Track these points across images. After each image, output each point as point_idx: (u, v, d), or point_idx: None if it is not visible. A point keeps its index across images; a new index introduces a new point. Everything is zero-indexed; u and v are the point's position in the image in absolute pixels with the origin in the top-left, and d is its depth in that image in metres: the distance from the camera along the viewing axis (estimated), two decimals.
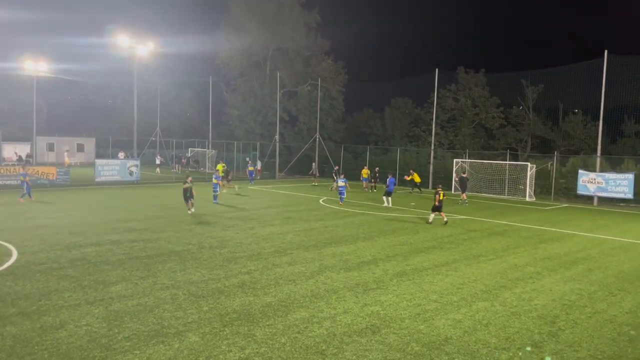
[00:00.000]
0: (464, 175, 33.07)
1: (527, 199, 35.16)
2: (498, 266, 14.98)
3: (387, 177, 28.91)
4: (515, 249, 17.69)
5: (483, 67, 53.34)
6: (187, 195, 23.11)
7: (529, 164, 36.43)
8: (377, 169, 38.73)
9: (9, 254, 14.30)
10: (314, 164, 45.08)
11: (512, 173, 37.22)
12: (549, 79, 48.60)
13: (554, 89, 49.62)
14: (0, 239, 16.27)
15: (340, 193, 28.78)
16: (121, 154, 50.78)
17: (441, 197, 22.18)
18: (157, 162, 50.80)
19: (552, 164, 37.04)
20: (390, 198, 28.05)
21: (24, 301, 10.38)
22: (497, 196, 36.46)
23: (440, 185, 23.75)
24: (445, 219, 22.26)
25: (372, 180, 37.65)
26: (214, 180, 28.15)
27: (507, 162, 38.42)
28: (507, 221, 24.26)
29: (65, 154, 54.18)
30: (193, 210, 23.27)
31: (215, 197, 27.50)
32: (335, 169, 39.65)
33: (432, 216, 22.51)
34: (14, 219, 20.39)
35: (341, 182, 29.04)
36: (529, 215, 27.22)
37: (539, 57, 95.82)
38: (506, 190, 36.91)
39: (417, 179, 36.87)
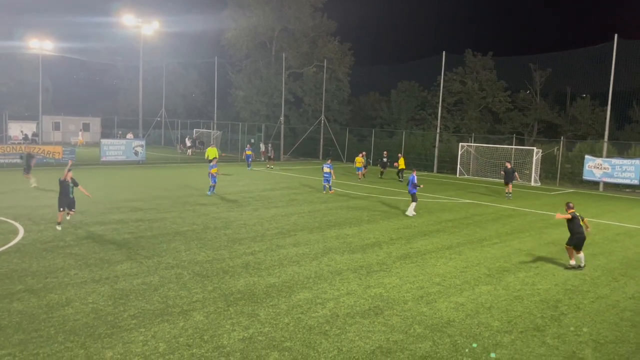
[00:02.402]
0: (508, 167, 27.62)
1: (533, 183, 35.04)
2: (502, 250, 14.99)
3: (410, 174, 21.36)
4: (520, 233, 17.69)
5: (491, 50, 52.80)
6: (70, 198, 15.53)
7: (535, 148, 36.24)
8: (386, 153, 36.54)
9: (15, 232, 14.41)
10: (270, 144, 42.35)
11: (518, 158, 37.03)
12: (557, 62, 48.10)
13: (562, 73, 49.13)
14: (7, 216, 16.40)
15: (325, 180, 25.56)
16: (130, 135, 50.65)
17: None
18: (188, 144, 50.13)
19: (559, 149, 36.82)
20: (415, 204, 20.36)
21: (31, 278, 10.49)
22: (503, 180, 36.29)
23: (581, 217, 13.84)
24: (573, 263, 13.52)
25: (381, 167, 35.57)
26: (213, 170, 23.36)
27: (513, 146, 38.22)
28: (512, 206, 24.21)
29: (80, 133, 54.53)
30: (68, 218, 15.79)
31: (211, 187, 23.22)
32: (362, 154, 36.30)
33: (580, 256, 13.38)
34: (21, 197, 20.51)
35: (326, 168, 25.51)
36: (534, 200, 27.14)
37: (548, 41, 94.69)
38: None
39: (402, 165, 34.13)
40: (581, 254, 13.37)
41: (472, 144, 40.17)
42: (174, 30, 57.52)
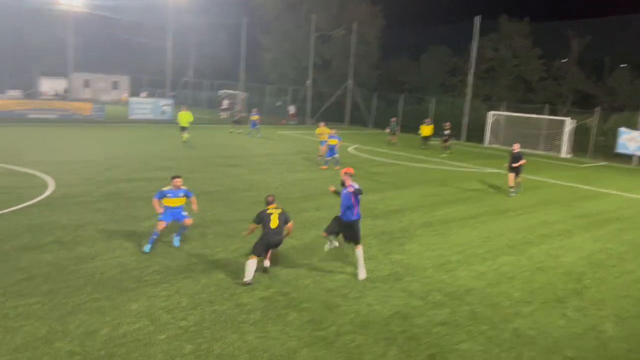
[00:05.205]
0: (514, 150, 18.88)
1: (563, 155, 34.24)
2: (526, 222, 14.79)
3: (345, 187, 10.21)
4: (546, 205, 17.38)
5: (527, 15, 50.84)
6: None
7: (568, 119, 35.25)
8: (449, 124, 31.53)
9: (46, 186, 14.79)
10: (226, 102, 39.31)
11: (550, 128, 36.10)
12: (597, 30, 46.13)
13: (601, 41, 47.19)
14: (38, 170, 16.80)
15: (330, 153, 21.71)
16: (143, 94, 50.83)
17: None
18: (225, 106, 49.32)
19: (593, 121, 35.74)
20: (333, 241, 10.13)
21: (60, 231, 10.80)
22: (532, 151, 35.52)
23: None
24: None
25: (446, 139, 30.88)
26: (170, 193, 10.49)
27: (545, 116, 37.22)
28: (540, 177, 23.77)
29: (125, 91, 55.67)
30: None
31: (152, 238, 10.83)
32: (392, 120, 34.40)
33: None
34: (51, 152, 20.97)
35: (333, 140, 21.69)
36: (564, 172, 26.58)
37: (589, 6, 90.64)
38: (542, 146, 35.93)
39: (427, 132, 32.32)
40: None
41: (503, 113, 39.26)
42: None
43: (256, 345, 6.81)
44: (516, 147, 18.91)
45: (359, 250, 9.49)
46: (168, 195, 10.12)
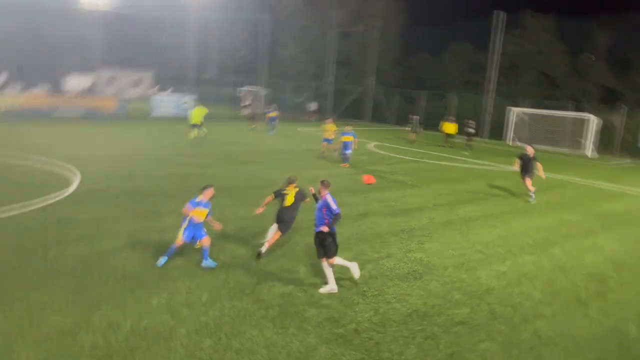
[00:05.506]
0: (529, 154, 17.44)
1: (588, 153, 33.61)
2: (549, 221, 14.58)
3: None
4: (570, 204, 17.11)
5: (552, 9, 49.86)
6: None
7: (593, 116, 34.57)
8: (473, 122, 31.23)
9: (71, 182, 15.08)
10: (249, 99, 39.13)
11: (574, 126, 35.45)
12: (624, 25, 45.05)
13: (628, 37, 46.09)
14: (63, 167, 17.11)
15: (344, 151, 21.71)
16: (168, 90, 51.33)
17: None
18: (247, 102, 49.48)
19: (620, 118, 34.97)
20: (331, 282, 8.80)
21: (84, 226, 11.01)
22: (556, 149, 35.01)
23: None
24: None
25: (468, 137, 30.74)
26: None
27: (569, 113, 36.56)
28: (565, 176, 23.39)
29: (156, 87, 56.47)
30: None
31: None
32: (413, 118, 33.67)
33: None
34: (76, 149, 21.33)
35: (348, 137, 21.62)
36: (589, 170, 26.10)
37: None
38: (566, 143, 35.33)
39: (450, 130, 31.98)
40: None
41: (526, 110, 38.70)
42: None
43: (275, 341, 6.87)
44: (530, 151, 17.45)
45: (338, 260, 8.80)
46: (200, 205, 9.45)
